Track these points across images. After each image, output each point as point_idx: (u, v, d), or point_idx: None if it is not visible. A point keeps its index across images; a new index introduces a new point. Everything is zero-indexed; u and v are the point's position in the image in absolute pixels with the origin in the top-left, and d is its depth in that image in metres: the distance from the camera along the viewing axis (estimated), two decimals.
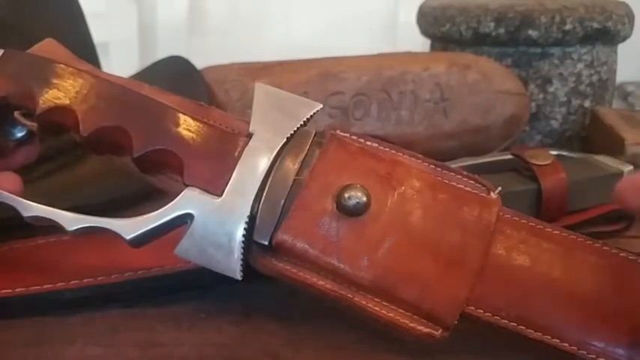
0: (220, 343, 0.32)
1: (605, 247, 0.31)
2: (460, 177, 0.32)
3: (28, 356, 0.31)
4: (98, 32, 0.60)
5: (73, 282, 0.35)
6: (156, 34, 1.23)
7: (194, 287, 0.36)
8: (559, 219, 0.42)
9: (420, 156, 0.33)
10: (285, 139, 0.32)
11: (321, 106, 0.34)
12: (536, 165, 0.42)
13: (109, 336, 0.32)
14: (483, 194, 0.32)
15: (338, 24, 1.22)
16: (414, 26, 0.72)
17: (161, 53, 0.67)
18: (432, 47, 0.71)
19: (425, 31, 0.70)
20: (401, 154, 0.33)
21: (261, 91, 0.34)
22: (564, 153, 0.46)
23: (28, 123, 0.34)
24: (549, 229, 0.32)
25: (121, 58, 1.07)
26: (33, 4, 0.51)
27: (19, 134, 0.36)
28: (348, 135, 0.33)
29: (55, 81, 0.33)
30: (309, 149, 0.32)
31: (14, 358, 0.31)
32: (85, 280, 0.35)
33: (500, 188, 0.32)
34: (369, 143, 0.33)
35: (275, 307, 0.34)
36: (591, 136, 0.64)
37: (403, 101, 0.57)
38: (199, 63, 0.59)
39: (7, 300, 0.34)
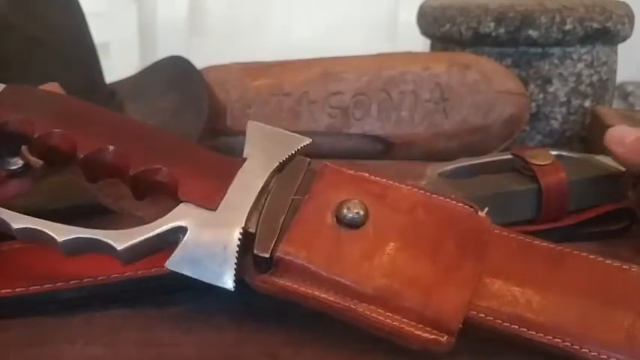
0: (220, 343, 0.32)
1: (591, 256, 0.32)
2: (449, 200, 0.33)
3: (28, 356, 0.31)
4: (98, 32, 0.60)
5: (73, 282, 0.35)
6: (156, 34, 1.23)
7: (194, 287, 0.36)
8: (559, 219, 0.42)
9: (409, 182, 0.34)
10: (277, 163, 0.33)
11: (310, 140, 0.35)
12: (536, 165, 0.42)
13: (109, 336, 0.32)
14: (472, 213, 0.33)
15: (338, 24, 1.22)
16: (414, 26, 0.72)
17: (161, 53, 0.67)
18: (432, 47, 0.71)
19: (425, 31, 0.70)
20: (391, 181, 0.34)
21: (254, 126, 0.36)
22: (564, 153, 0.46)
23: (32, 159, 0.35)
24: (537, 242, 0.33)
25: (121, 58, 1.07)
26: (33, 4, 0.51)
27: (14, 166, 0.36)
28: (340, 165, 0.34)
29: (53, 109, 0.34)
30: (305, 174, 0.34)
31: (14, 358, 0.31)
32: (85, 280, 0.35)
33: (487, 209, 0.33)
34: (359, 173, 0.34)
35: (275, 307, 0.34)
36: (591, 136, 0.64)
37: (403, 101, 0.57)
38: (199, 63, 0.59)
39: (6, 300, 0.34)
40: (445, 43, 0.67)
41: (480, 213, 0.33)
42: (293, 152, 0.34)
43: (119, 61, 1.02)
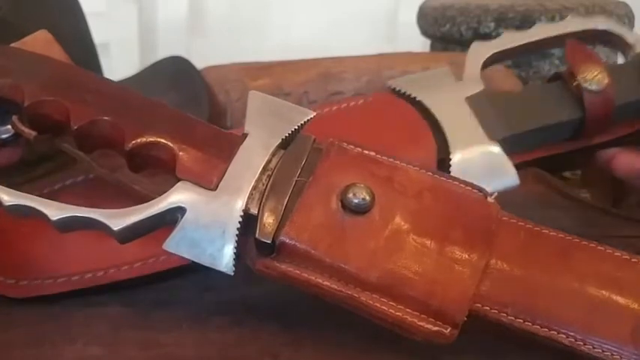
0: (221, 342, 0.32)
1: (600, 247, 0.32)
2: (457, 183, 0.33)
3: (29, 356, 0.31)
4: (98, 32, 0.61)
5: (74, 278, 0.35)
6: (156, 34, 1.23)
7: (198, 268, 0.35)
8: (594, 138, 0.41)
9: (416, 164, 0.33)
10: (280, 140, 0.32)
11: (315, 114, 0.34)
12: (587, 91, 0.39)
13: (109, 336, 0.32)
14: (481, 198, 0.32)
15: (338, 24, 1.21)
16: (414, 26, 0.72)
17: (161, 53, 0.67)
18: (432, 47, 0.71)
19: (425, 32, 0.70)
20: (399, 162, 0.33)
21: (255, 97, 0.34)
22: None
23: (26, 130, 0.33)
24: (546, 231, 0.32)
25: (121, 58, 1.07)
26: (33, 4, 0.51)
27: (4, 135, 0.35)
28: (345, 143, 0.33)
29: (44, 74, 0.33)
30: (309, 153, 0.32)
31: (14, 358, 0.31)
32: (87, 277, 0.35)
33: (495, 194, 0.33)
34: (366, 152, 0.33)
35: (275, 307, 0.34)
36: None
37: None
38: (199, 63, 0.59)
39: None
40: (445, 43, 0.67)
41: (488, 199, 0.32)
42: (296, 127, 0.33)
43: (119, 61, 1.02)
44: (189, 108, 0.54)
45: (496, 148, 0.38)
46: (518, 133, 0.39)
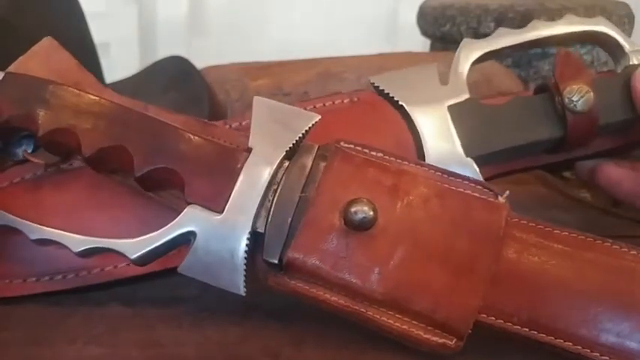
0: (221, 342, 0.32)
1: (615, 246, 0.31)
2: (467, 183, 0.32)
3: (28, 356, 0.31)
4: (98, 32, 0.61)
5: (69, 276, 0.35)
6: (156, 34, 1.23)
7: None
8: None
9: (425, 163, 0.33)
10: (284, 152, 0.32)
11: (319, 117, 0.34)
12: (571, 111, 0.38)
13: (109, 336, 0.32)
14: (491, 199, 0.32)
15: (338, 24, 1.22)
16: (414, 26, 0.72)
17: (161, 53, 0.67)
18: (432, 47, 0.71)
19: (425, 31, 0.70)
20: (407, 163, 0.33)
21: (260, 104, 0.34)
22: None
23: (36, 160, 0.35)
24: (558, 231, 0.32)
25: (121, 58, 1.07)
26: (33, 4, 0.51)
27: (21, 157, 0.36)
28: (352, 146, 0.33)
29: (55, 103, 0.33)
30: (313, 163, 0.32)
31: (14, 358, 0.31)
32: (81, 275, 0.35)
33: (507, 193, 0.32)
34: (373, 153, 0.33)
35: (277, 306, 0.34)
36: None
37: None
38: (199, 63, 0.59)
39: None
40: (445, 43, 0.67)
41: (499, 198, 0.32)
42: (300, 135, 0.33)
43: (119, 61, 1.02)
44: (189, 108, 0.54)
45: (471, 168, 0.37)
46: (495, 151, 0.38)
